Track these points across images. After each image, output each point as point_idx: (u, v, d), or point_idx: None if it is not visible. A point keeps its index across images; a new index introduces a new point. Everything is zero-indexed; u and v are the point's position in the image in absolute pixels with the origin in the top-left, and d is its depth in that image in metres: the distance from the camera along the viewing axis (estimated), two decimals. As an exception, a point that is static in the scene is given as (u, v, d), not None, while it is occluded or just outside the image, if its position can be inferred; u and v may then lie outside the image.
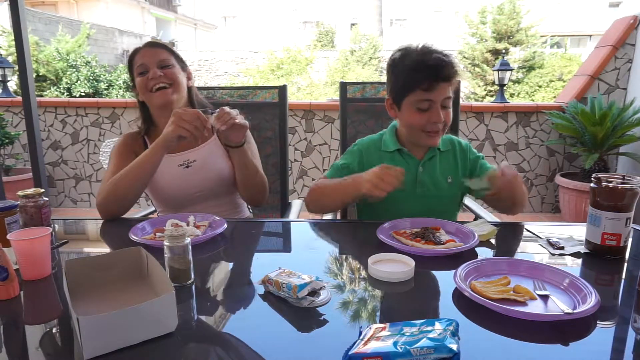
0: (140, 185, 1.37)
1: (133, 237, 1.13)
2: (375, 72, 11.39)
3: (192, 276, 0.92)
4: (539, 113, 3.90)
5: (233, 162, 1.47)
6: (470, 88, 9.13)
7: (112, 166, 1.45)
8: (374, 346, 0.64)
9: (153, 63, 1.46)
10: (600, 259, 1.05)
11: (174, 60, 1.51)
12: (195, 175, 1.49)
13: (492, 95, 8.62)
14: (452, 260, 1.00)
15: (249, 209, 1.71)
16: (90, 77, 7.87)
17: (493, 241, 1.16)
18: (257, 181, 1.48)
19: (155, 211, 1.70)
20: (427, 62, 1.27)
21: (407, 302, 0.89)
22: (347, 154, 1.47)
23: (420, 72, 1.27)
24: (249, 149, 1.44)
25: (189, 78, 1.56)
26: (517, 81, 9.15)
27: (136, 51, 1.52)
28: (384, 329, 0.69)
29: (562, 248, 1.09)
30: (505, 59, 4.40)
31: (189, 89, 1.56)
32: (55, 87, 7.78)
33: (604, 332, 0.76)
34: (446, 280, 0.92)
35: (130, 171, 1.34)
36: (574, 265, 1.03)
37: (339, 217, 1.81)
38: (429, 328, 0.67)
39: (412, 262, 0.96)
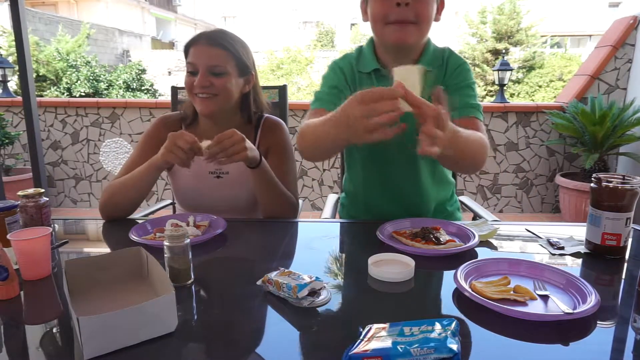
0: (136, 198, 1.33)
1: (133, 237, 1.13)
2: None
3: (192, 276, 0.92)
4: (539, 113, 3.90)
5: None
6: (470, 88, 9.13)
7: (131, 157, 1.42)
8: (374, 346, 0.64)
9: (204, 66, 1.30)
10: (600, 259, 1.05)
11: (230, 65, 1.33)
12: (224, 188, 1.42)
13: (492, 95, 8.63)
14: (452, 260, 1.00)
15: None
16: (90, 77, 7.88)
17: (493, 241, 1.16)
18: (274, 208, 1.36)
19: (171, 204, 1.67)
20: None
21: (407, 302, 0.89)
22: (328, 74, 1.29)
23: None
24: (267, 171, 1.30)
25: (247, 82, 1.41)
26: (517, 81, 9.16)
27: (193, 42, 1.34)
28: (384, 329, 0.69)
29: (562, 248, 1.09)
30: (505, 59, 4.40)
31: (245, 94, 1.42)
32: (55, 87, 7.80)
33: (604, 332, 0.76)
34: (446, 280, 0.92)
35: (126, 184, 1.31)
36: (574, 265, 1.03)
37: (338, 217, 1.81)
38: (429, 328, 0.67)
39: (412, 262, 0.96)
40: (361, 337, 0.67)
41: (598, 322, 0.76)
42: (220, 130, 1.41)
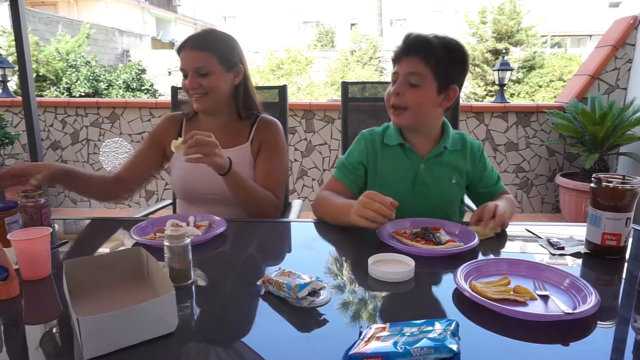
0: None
1: (133, 237, 1.13)
2: (375, 72, 11.40)
3: (192, 276, 0.92)
4: (539, 113, 3.90)
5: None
6: (470, 88, 9.12)
7: (137, 150, 1.59)
8: (374, 346, 0.63)
9: (191, 69, 1.40)
10: (600, 259, 1.05)
11: (215, 64, 1.40)
12: (217, 177, 1.43)
13: (492, 95, 8.62)
14: (452, 260, 1.00)
15: None
16: (90, 77, 7.88)
17: (493, 241, 1.16)
18: (252, 209, 1.43)
19: (171, 204, 1.75)
20: (405, 37, 1.31)
21: (407, 302, 0.89)
22: (352, 147, 1.44)
23: (396, 47, 1.31)
24: (237, 178, 1.36)
25: (237, 75, 1.47)
26: (517, 81, 9.15)
27: (180, 48, 1.43)
28: (384, 329, 0.69)
29: (563, 248, 1.09)
30: (505, 59, 4.40)
31: (236, 87, 1.48)
32: (55, 87, 7.79)
33: (604, 332, 0.76)
34: (446, 280, 0.92)
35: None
36: (574, 266, 1.03)
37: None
38: (429, 328, 0.67)
39: (412, 262, 0.96)
40: (361, 337, 0.67)
41: (598, 322, 0.76)
42: (217, 123, 1.51)
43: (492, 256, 1.08)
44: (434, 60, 1.24)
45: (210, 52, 1.40)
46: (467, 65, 1.31)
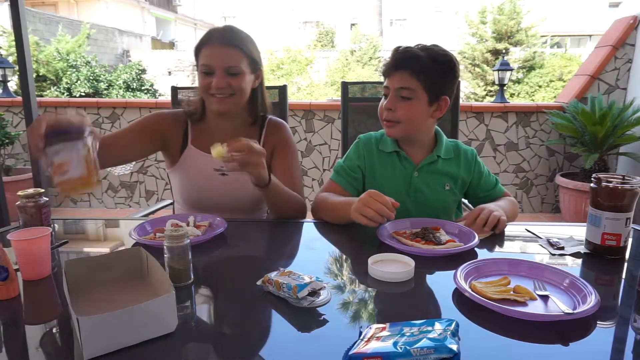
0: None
1: (133, 237, 1.13)
2: (375, 72, 11.38)
3: (192, 276, 0.92)
4: (539, 113, 3.90)
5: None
6: (470, 88, 9.12)
7: (123, 130, 1.42)
8: (374, 346, 0.64)
9: (221, 68, 1.31)
10: (600, 259, 1.05)
11: (245, 64, 1.34)
12: (228, 186, 1.42)
13: (492, 95, 8.61)
14: (452, 260, 1.00)
15: None
16: (90, 77, 7.87)
17: (493, 241, 1.16)
18: (286, 211, 1.38)
19: (171, 204, 1.68)
20: (394, 51, 1.33)
21: (407, 302, 0.89)
22: (350, 150, 1.45)
23: (386, 62, 1.34)
24: (276, 187, 1.30)
25: (257, 77, 1.42)
26: (517, 81, 9.14)
27: (205, 42, 1.34)
28: (384, 329, 0.69)
29: (562, 248, 1.09)
30: (505, 59, 4.40)
31: (254, 90, 1.43)
32: (55, 87, 7.78)
33: (604, 332, 0.76)
34: (446, 280, 0.92)
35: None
36: (574, 266, 1.03)
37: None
38: (429, 328, 0.67)
39: (412, 262, 0.96)
40: (361, 337, 0.67)
41: (598, 322, 0.76)
42: (228, 127, 1.43)
43: (492, 256, 1.08)
44: (423, 73, 1.27)
45: (241, 50, 1.33)
46: (457, 74, 1.33)
